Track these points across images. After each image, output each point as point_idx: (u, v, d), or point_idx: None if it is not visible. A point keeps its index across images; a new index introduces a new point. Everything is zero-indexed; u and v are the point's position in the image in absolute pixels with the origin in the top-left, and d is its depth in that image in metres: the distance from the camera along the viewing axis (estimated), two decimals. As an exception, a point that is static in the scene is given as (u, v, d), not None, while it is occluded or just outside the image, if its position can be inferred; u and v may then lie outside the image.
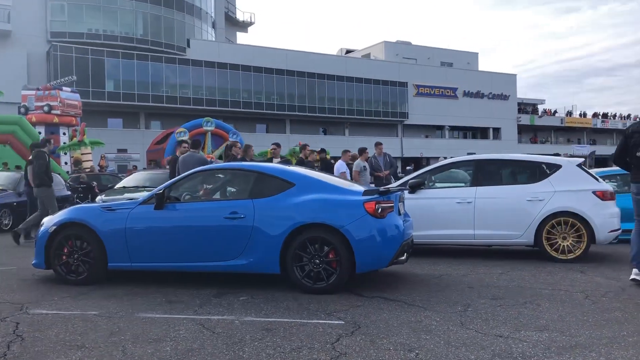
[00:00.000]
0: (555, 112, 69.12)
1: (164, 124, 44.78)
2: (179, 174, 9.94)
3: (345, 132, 54.58)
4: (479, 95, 60.96)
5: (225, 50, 48.79)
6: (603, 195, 7.69)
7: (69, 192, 15.88)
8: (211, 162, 9.87)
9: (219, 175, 6.81)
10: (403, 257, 6.01)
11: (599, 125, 70.22)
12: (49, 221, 6.62)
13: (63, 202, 15.02)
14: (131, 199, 6.93)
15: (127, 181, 14.78)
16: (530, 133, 68.38)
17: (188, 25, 47.71)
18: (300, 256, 5.83)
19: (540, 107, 70.15)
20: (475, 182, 8.25)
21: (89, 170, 24.36)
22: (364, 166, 12.67)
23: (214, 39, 51.79)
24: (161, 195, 6.21)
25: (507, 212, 7.89)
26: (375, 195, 5.88)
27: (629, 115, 73.43)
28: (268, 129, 50.83)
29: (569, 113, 69.57)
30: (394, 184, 8.88)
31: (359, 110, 53.82)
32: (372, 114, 54.56)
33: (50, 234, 6.47)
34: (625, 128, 6.49)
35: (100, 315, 5.04)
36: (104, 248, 6.32)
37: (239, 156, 9.98)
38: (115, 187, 14.61)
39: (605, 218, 7.62)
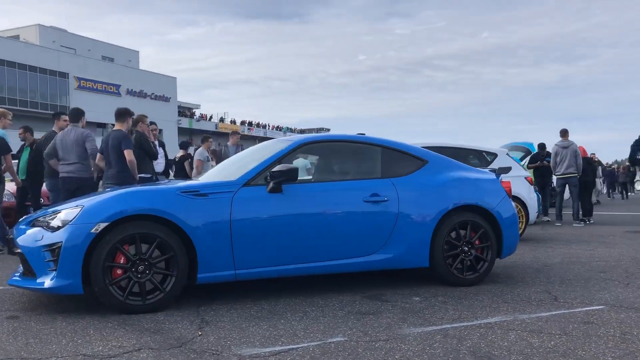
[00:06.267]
0: (211, 117, 72.55)
1: None
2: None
3: (-6, 124, 45.99)
4: (142, 94, 59.46)
5: None
6: None
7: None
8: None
9: (330, 148, 5.20)
10: None
11: (246, 131, 76.46)
12: (87, 216, 3.96)
13: None
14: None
15: None
16: (187, 136, 69.95)
17: None
18: (448, 244, 5.01)
19: (197, 112, 72.71)
20: None
21: None
22: (207, 156, 11.37)
23: None
24: (290, 172, 4.41)
25: None
26: (498, 175, 5.55)
27: (267, 124, 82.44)
28: None
29: (222, 119, 73.92)
30: None
31: (12, 99, 46.23)
32: (29, 105, 47.60)
33: (94, 236, 3.93)
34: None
35: (355, 340, 3.37)
36: (193, 252, 4.18)
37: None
38: None
39: None
